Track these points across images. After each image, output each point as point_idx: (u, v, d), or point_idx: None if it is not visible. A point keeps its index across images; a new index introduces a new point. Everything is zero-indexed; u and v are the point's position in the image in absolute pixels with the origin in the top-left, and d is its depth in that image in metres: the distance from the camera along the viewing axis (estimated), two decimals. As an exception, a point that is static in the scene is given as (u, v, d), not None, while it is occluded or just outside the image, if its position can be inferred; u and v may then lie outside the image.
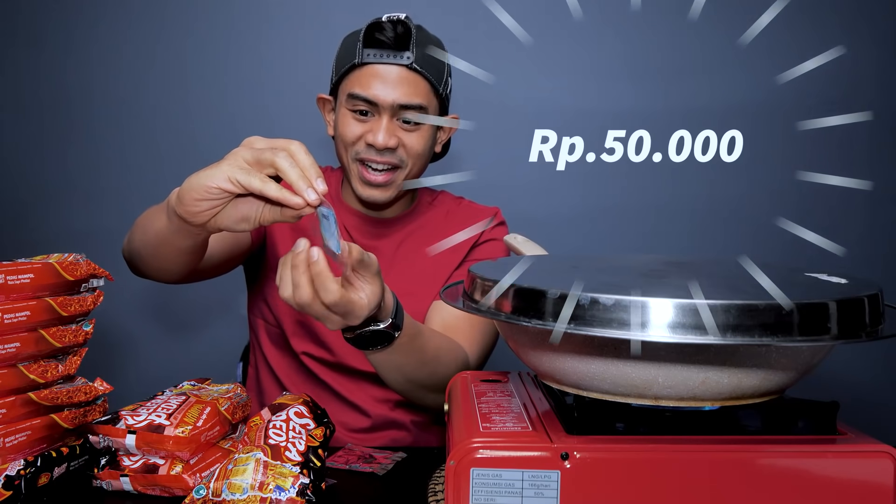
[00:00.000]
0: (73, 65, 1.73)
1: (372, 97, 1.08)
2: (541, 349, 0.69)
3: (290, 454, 0.75)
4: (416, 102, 1.09)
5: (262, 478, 0.73)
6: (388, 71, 1.08)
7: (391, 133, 1.09)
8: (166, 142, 1.75)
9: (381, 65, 1.08)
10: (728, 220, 1.77)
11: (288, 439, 0.76)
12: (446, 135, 1.21)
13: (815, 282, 0.71)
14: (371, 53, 1.08)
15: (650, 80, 1.74)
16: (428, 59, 1.10)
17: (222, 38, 1.72)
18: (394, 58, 1.08)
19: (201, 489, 0.74)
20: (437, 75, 1.12)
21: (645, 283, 0.69)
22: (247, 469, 0.73)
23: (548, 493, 0.62)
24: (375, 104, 1.08)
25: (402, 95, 1.08)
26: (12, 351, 0.78)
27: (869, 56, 1.74)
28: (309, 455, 0.76)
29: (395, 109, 1.09)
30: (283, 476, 0.73)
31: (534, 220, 1.72)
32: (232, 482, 0.72)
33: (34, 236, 1.76)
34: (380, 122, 1.09)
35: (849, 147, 1.76)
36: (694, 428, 0.67)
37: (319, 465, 0.76)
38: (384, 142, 1.08)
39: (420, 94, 1.10)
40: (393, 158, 1.11)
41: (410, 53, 1.08)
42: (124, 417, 0.80)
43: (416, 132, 1.11)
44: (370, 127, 1.10)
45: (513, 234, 1.10)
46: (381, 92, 1.08)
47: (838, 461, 0.63)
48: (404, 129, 1.11)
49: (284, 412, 0.80)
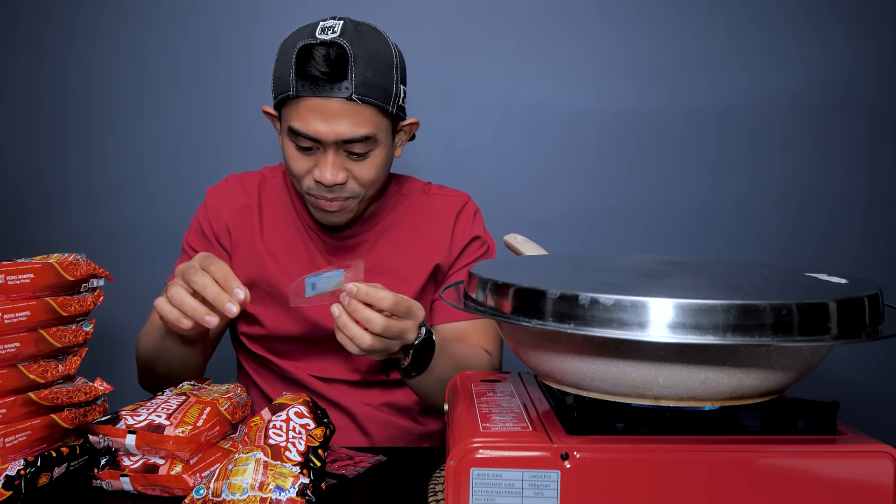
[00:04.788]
0: (72, 65, 1.73)
1: (313, 134, 0.99)
2: (541, 349, 0.69)
3: (290, 454, 0.75)
4: (360, 135, 1.00)
5: (262, 478, 0.73)
6: (327, 105, 0.98)
7: (338, 168, 1.02)
8: (166, 142, 1.75)
9: (318, 98, 0.98)
10: (728, 220, 1.77)
11: (288, 439, 0.76)
12: (407, 136, 1.14)
13: (815, 282, 0.71)
14: (305, 86, 0.98)
15: (650, 80, 1.73)
16: (371, 82, 0.99)
17: (222, 38, 1.72)
18: (330, 90, 0.97)
19: (201, 489, 0.74)
20: (383, 96, 1.01)
21: (645, 283, 0.69)
22: (247, 469, 0.73)
23: (548, 493, 0.62)
24: (318, 140, 1.00)
25: (346, 129, 0.99)
26: (12, 351, 0.78)
27: (869, 56, 1.74)
28: (309, 455, 0.76)
29: (340, 143, 1.01)
30: (283, 476, 0.73)
31: (534, 220, 1.72)
32: (232, 482, 0.72)
33: (34, 236, 1.76)
34: (326, 157, 1.01)
35: (849, 147, 1.76)
36: (694, 428, 0.68)
37: (319, 466, 0.76)
38: (332, 178, 1.01)
39: (365, 124, 1.00)
40: (343, 192, 1.05)
41: (349, 83, 0.97)
42: (124, 417, 0.80)
43: (366, 160, 1.04)
44: (315, 161, 1.03)
45: (513, 234, 1.10)
46: (322, 128, 0.99)
47: (838, 461, 0.63)
48: (353, 160, 1.03)
49: (284, 412, 0.80)
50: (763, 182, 1.76)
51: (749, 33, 1.73)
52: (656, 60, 1.73)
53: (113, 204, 1.75)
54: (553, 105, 1.74)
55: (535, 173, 1.75)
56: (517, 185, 1.74)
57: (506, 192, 1.73)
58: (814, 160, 1.76)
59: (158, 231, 1.75)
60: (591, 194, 1.76)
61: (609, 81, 1.74)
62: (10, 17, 1.72)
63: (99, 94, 1.74)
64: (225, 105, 1.73)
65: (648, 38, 1.73)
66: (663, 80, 1.73)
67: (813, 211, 1.77)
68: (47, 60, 1.73)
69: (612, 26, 1.73)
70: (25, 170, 1.76)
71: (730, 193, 1.76)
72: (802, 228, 1.77)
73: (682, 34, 1.73)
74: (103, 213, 1.75)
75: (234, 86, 1.73)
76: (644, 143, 1.75)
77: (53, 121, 1.75)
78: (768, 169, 1.76)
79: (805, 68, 1.74)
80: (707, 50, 1.73)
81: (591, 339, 0.64)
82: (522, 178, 1.75)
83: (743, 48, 1.73)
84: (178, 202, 1.74)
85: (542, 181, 1.75)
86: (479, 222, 1.23)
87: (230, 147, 1.73)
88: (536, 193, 1.75)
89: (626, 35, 1.73)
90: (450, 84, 1.71)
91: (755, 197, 1.76)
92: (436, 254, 1.18)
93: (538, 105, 1.74)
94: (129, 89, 1.74)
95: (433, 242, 1.18)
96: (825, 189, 1.76)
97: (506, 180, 1.74)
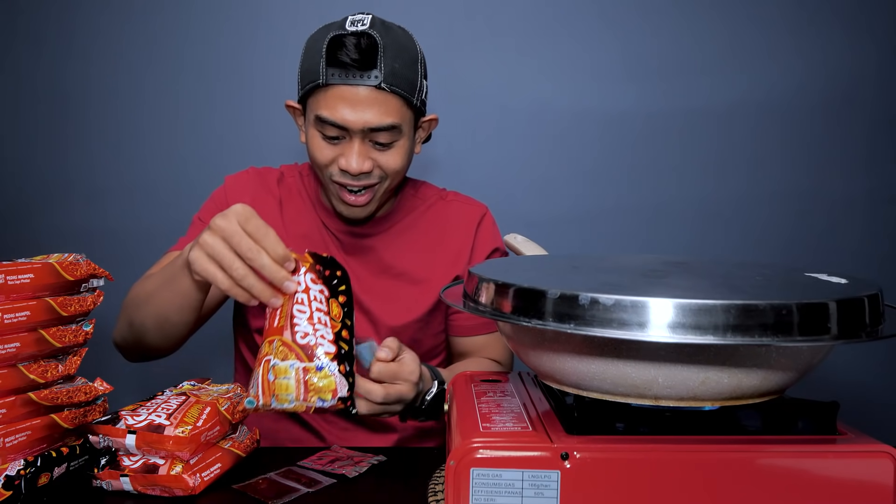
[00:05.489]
0: (72, 65, 1.73)
1: (340, 122, 1.01)
2: (541, 349, 0.69)
3: (321, 348, 0.74)
4: (387, 123, 1.02)
5: (304, 392, 0.72)
6: (356, 92, 1.00)
7: (364, 157, 1.04)
8: (167, 142, 1.75)
9: (347, 86, 1.00)
10: (728, 220, 1.77)
11: (315, 331, 0.74)
12: (426, 133, 1.16)
13: (815, 282, 0.71)
14: (335, 74, 1.00)
15: (650, 80, 1.74)
16: (398, 72, 1.02)
17: (222, 38, 1.72)
18: (360, 78, 1.00)
19: (251, 402, 0.74)
20: (409, 87, 1.04)
21: (645, 283, 0.69)
22: (289, 383, 0.72)
23: (548, 493, 0.62)
24: (345, 128, 1.02)
25: (373, 118, 1.01)
26: (12, 351, 0.78)
27: (869, 56, 1.74)
28: (339, 342, 0.74)
29: (367, 132, 1.02)
30: (321, 391, 0.73)
31: (534, 220, 1.72)
32: (279, 395, 0.73)
33: (34, 236, 1.76)
34: (351, 145, 1.03)
35: (849, 147, 1.76)
36: (694, 428, 0.68)
37: (348, 349, 0.75)
38: (358, 167, 1.03)
39: (392, 114, 1.02)
40: (370, 179, 1.06)
41: (378, 71, 1.00)
42: (124, 417, 0.80)
43: (391, 150, 1.06)
44: (342, 150, 1.04)
45: (513, 234, 1.10)
46: (350, 116, 1.01)
47: (838, 461, 0.63)
48: (378, 150, 1.05)
49: (301, 277, 0.76)
50: (763, 182, 1.76)
51: (749, 33, 1.73)
52: (657, 60, 1.73)
53: (113, 204, 1.75)
54: (553, 105, 1.74)
55: (535, 173, 1.75)
56: (517, 185, 1.74)
57: (506, 192, 1.73)
58: (814, 160, 1.76)
59: (158, 231, 1.74)
60: (591, 194, 1.76)
61: (609, 81, 1.74)
62: (10, 17, 1.72)
63: (99, 94, 1.74)
64: (226, 105, 1.73)
65: (649, 38, 1.73)
66: (664, 80, 1.73)
67: (813, 211, 1.77)
68: (47, 60, 1.73)
69: (612, 26, 1.73)
70: (25, 170, 1.76)
71: (730, 193, 1.76)
72: (802, 228, 1.77)
73: (682, 34, 1.73)
74: (103, 213, 1.75)
75: (234, 85, 1.73)
76: (644, 143, 1.75)
77: (53, 121, 1.75)
78: (768, 169, 1.76)
79: (805, 68, 1.74)
80: (707, 50, 1.73)
81: (592, 339, 0.64)
82: (522, 178, 1.75)
83: (743, 48, 1.73)
84: (178, 202, 1.74)
85: (542, 181, 1.75)
86: (497, 234, 1.24)
87: (231, 147, 1.73)
88: (536, 193, 1.75)
89: (626, 35, 1.73)
90: (450, 84, 1.71)
91: (755, 197, 1.76)
92: (456, 262, 1.19)
93: (538, 105, 1.74)
94: (130, 89, 1.74)
95: (452, 250, 1.19)
96: (825, 189, 1.76)
97: (506, 180, 1.74)
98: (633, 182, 1.76)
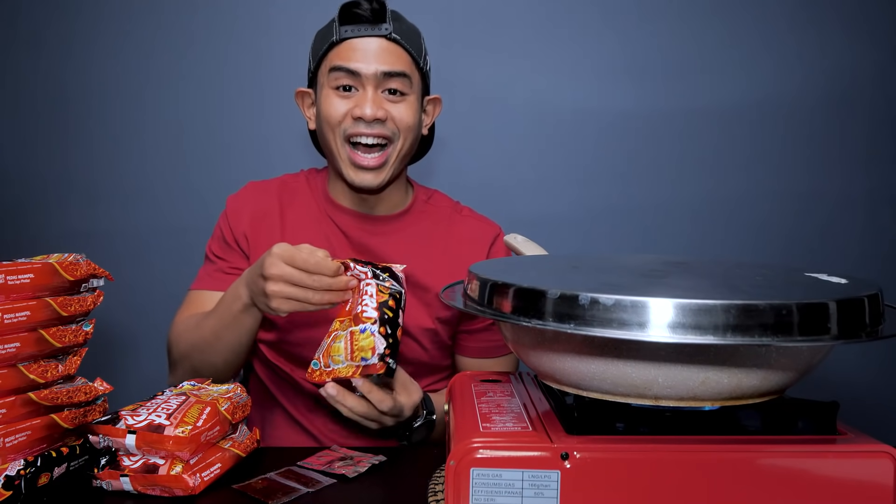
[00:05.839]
0: (72, 65, 1.73)
1: (355, 68, 1.07)
2: (541, 349, 0.69)
3: (366, 314, 0.88)
4: (399, 69, 1.08)
5: (350, 353, 0.87)
6: (368, 43, 1.08)
7: (378, 104, 1.07)
8: (167, 142, 1.75)
9: (360, 38, 1.08)
10: (728, 220, 1.77)
11: (362, 303, 0.89)
12: (430, 118, 1.20)
13: (815, 282, 0.71)
14: (348, 29, 1.08)
15: (650, 80, 1.73)
16: (406, 33, 1.10)
17: (222, 38, 1.72)
18: (372, 29, 1.08)
19: (316, 363, 0.90)
20: (416, 49, 1.12)
21: (645, 283, 0.69)
22: (340, 346, 0.88)
23: (548, 493, 0.62)
24: (359, 75, 1.07)
25: (385, 63, 1.07)
26: (12, 351, 0.78)
27: (869, 56, 1.74)
28: (382, 309, 0.88)
29: (380, 79, 1.08)
30: (364, 349, 0.86)
31: (534, 220, 1.72)
32: (333, 357, 0.88)
33: (34, 236, 1.76)
34: (365, 94, 1.08)
35: (848, 147, 1.76)
36: (694, 428, 0.67)
37: (392, 315, 0.88)
38: (372, 113, 1.06)
39: (402, 63, 1.09)
40: (384, 130, 1.09)
41: (388, 25, 1.08)
42: (124, 417, 0.80)
43: (403, 102, 1.10)
44: (356, 101, 1.08)
45: (513, 234, 1.10)
46: (363, 62, 1.07)
47: (838, 461, 0.63)
48: (391, 101, 1.09)
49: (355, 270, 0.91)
50: (763, 182, 1.76)
51: (749, 33, 1.73)
52: (657, 60, 1.73)
53: (113, 204, 1.76)
54: (553, 105, 1.74)
55: (535, 173, 1.75)
56: (517, 185, 1.74)
57: (506, 192, 1.73)
58: (814, 160, 1.76)
59: (158, 231, 1.75)
60: (591, 194, 1.76)
61: (609, 81, 1.74)
62: (10, 17, 1.72)
63: (99, 94, 1.74)
64: (226, 105, 1.74)
65: (649, 38, 1.73)
66: (663, 80, 1.74)
67: (813, 211, 1.77)
68: (47, 60, 1.73)
69: (612, 26, 1.73)
70: (25, 170, 1.76)
71: (730, 193, 1.76)
72: (802, 228, 1.77)
73: (682, 34, 1.73)
74: (103, 213, 1.76)
75: (235, 86, 1.73)
76: (644, 143, 1.75)
77: (53, 121, 1.75)
78: (768, 169, 1.76)
79: (805, 68, 1.74)
80: (707, 50, 1.73)
81: (592, 339, 0.64)
82: (522, 178, 1.75)
83: (743, 48, 1.73)
84: (178, 202, 1.74)
85: (542, 181, 1.75)
86: (509, 255, 1.24)
87: (231, 147, 1.73)
88: (536, 193, 1.75)
89: (626, 35, 1.73)
90: (450, 84, 1.71)
91: (755, 197, 1.76)
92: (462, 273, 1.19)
93: (538, 105, 1.74)
94: (130, 89, 1.74)
95: (462, 264, 1.19)
96: (825, 189, 1.76)
97: (506, 180, 1.74)
98: (634, 182, 1.76)
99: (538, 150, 1.75)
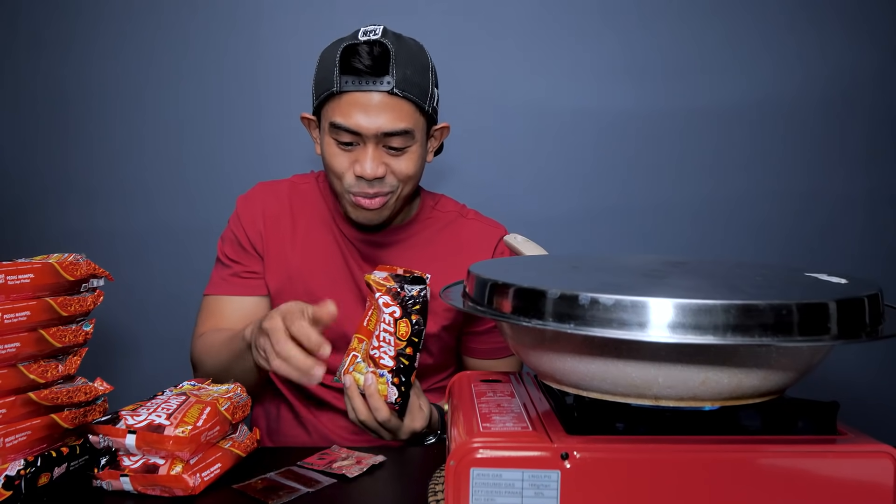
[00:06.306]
0: (72, 65, 1.73)
1: (354, 127, 1.03)
2: (541, 349, 0.69)
3: (383, 361, 0.95)
4: (400, 128, 1.04)
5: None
6: (369, 98, 1.03)
7: (378, 162, 1.05)
8: (167, 142, 1.75)
9: (360, 92, 1.03)
10: (728, 220, 1.77)
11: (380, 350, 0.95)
12: (438, 141, 1.18)
13: (815, 282, 0.71)
14: (349, 81, 1.03)
15: (650, 80, 1.73)
16: (410, 79, 1.05)
17: (222, 39, 1.72)
18: (373, 84, 1.02)
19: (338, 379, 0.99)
20: (420, 93, 1.07)
21: (645, 283, 0.69)
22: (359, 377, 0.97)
23: (548, 493, 0.62)
24: (359, 133, 1.04)
25: (386, 123, 1.03)
26: (12, 351, 0.78)
27: (869, 56, 1.74)
28: (399, 358, 0.94)
29: (380, 137, 1.05)
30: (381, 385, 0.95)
31: (534, 221, 1.72)
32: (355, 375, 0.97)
33: (34, 236, 1.76)
34: (365, 151, 1.05)
35: (848, 147, 1.76)
36: (694, 428, 0.67)
37: (407, 364, 0.94)
38: (372, 172, 1.05)
39: (404, 119, 1.04)
40: (384, 187, 1.08)
41: (391, 77, 1.02)
42: (124, 417, 0.80)
43: (404, 155, 1.08)
44: (356, 156, 1.06)
45: (513, 234, 1.10)
46: (364, 121, 1.03)
47: (838, 461, 0.63)
48: (392, 155, 1.07)
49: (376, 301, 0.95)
50: (763, 182, 1.76)
51: (749, 33, 1.73)
52: (656, 60, 1.73)
53: (113, 204, 1.75)
54: (553, 105, 1.74)
55: (534, 173, 1.75)
56: (517, 185, 1.74)
57: (506, 192, 1.73)
58: (814, 160, 1.76)
59: (158, 231, 1.75)
60: (591, 194, 1.76)
61: (609, 81, 1.74)
62: (10, 18, 1.72)
63: (99, 94, 1.74)
64: (226, 105, 1.73)
65: (648, 38, 1.73)
66: (663, 80, 1.73)
67: (813, 211, 1.77)
68: (47, 60, 1.73)
69: (612, 26, 1.73)
70: (25, 170, 1.76)
71: (730, 193, 1.76)
72: (802, 228, 1.77)
73: (682, 34, 1.73)
74: (103, 213, 1.75)
75: (235, 86, 1.73)
76: (644, 143, 1.75)
77: (53, 121, 1.75)
78: (768, 169, 1.76)
79: (805, 68, 1.74)
80: (707, 50, 1.73)
81: (592, 339, 0.64)
82: (522, 178, 1.75)
83: (743, 48, 1.73)
84: (178, 202, 1.74)
85: (542, 181, 1.75)
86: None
87: (231, 147, 1.73)
88: (536, 193, 1.75)
89: (626, 35, 1.73)
90: (449, 84, 1.71)
91: (755, 197, 1.76)
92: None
93: (538, 105, 1.74)
94: (129, 89, 1.74)
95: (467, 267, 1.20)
96: (825, 189, 1.76)
97: (506, 180, 1.74)
98: (633, 182, 1.75)
99: (538, 151, 1.75)
